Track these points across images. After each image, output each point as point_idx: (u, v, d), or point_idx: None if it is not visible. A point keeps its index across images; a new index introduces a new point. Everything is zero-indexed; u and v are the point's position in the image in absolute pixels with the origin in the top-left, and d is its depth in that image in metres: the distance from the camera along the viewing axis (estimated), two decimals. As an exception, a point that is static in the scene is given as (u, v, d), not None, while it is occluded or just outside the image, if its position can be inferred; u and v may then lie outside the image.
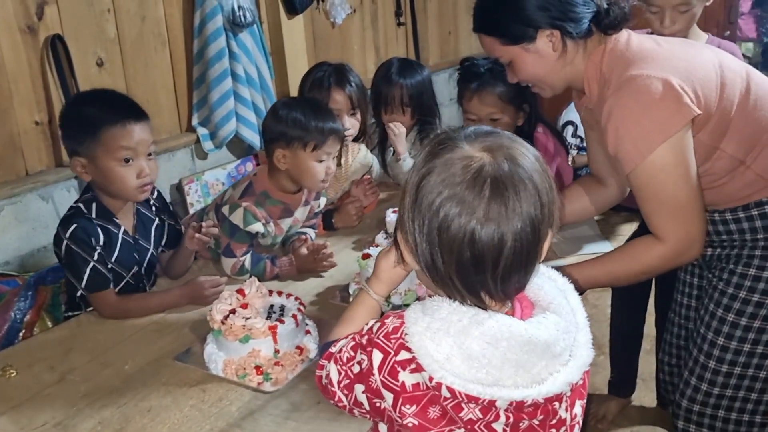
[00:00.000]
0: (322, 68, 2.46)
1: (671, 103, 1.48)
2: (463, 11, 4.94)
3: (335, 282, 1.98)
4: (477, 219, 0.91)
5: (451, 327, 0.93)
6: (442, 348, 0.92)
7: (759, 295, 1.64)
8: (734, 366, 1.69)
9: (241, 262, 1.99)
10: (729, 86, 1.55)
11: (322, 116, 1.98)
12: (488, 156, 0.94)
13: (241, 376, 1.51)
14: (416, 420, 0.94)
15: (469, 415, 0.93)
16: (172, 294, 1.86)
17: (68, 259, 1.79)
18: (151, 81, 2.98)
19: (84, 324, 1.81)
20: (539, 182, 0.95)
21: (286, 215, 2.11)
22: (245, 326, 1.54)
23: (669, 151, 1.49)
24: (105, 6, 2.76)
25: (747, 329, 1.66)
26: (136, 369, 1.59)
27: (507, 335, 0.92)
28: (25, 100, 2.56)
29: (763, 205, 1.61)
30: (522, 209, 0.92)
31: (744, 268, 1.66)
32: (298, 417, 1.40)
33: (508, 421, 0.95)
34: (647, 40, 1.63)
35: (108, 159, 1.76)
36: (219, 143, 3.14)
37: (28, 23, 2.53)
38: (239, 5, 3.02)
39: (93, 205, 1.83)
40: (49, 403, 1.49)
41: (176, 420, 1.41)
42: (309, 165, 1.98)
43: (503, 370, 0.92)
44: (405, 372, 0.95)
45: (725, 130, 1.57)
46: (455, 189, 0.92)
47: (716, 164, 1.60)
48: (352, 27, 4.01)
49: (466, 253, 0.93)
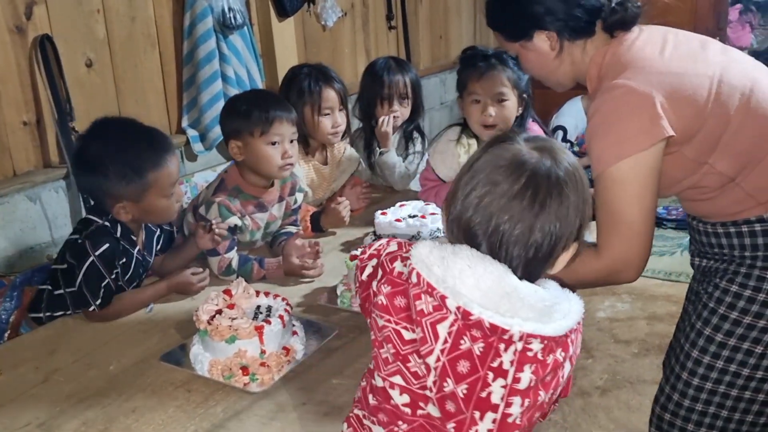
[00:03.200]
0: (303, 72, 2.47)
1: (645, 120, 1.49)
2: (454, 16, 4.96)
3: (323, 283, 1.98)
4: (498, 201, 1.01)
5: (450, 247, 1.03)
6: (432, 256, 1.02)
7: (737, 313, 1.61)
8: (705, 381, 1.66)
9: (227, 261, 2.00)
10: (723, 103, 1.54)
11: (266, 103, 2.06)
12: (537, 154, 1.03)
13: (227, 376, 1.51)
14: (385, 300, 1.04)
15: (422, 306, 1.00)
16: (159, 287, 1.90)
17: (89, 275, 1.77)
18: (140, 82, 2.97)
19: (69, 324, 1.81)
20: (574, 194, 1.03)
21: (260, 210, 2.12)
22: (231, 327, 1.53)
23: (630, 167, 1.50)
24: (94, 6, 2.75)
25: (721, 346, 1.63)
26: (122, 369, 1.59)
27: (489, 268, 1.00)
28: (13, 100, 2.55)
29: (753, 223, 1.59)
30: (549, 212, 1.01)
31: (727, 283, 1.64)
32: (283, 418, 1.40)
33: (452, 328, 0.98)
34: (650, 46, 1.62)
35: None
36: (209, 145, 3.13)
37: (16, 23, 2.52)
38: (230, 7, 3.02)
39: (118, 225, 1.84)
40: (34, 403, 1.48)
41: (161, 420, 1.40)
42: (261, 149, 2.03)
43: (470, 289, 0.99)
44: (398, 262, 1.06)
45: (715, 146, 1.55)
46: (495, 171, 1.02)
47: (705, 178, 1.59)
48: (343, 30, 4.02)
49: (482, 228, 1.03)
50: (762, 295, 1.58)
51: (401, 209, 2.24)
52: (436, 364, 0.99)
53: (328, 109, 2.42)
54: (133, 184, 1.78)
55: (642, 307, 3.26)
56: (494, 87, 2.26)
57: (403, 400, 1.05)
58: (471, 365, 0.99)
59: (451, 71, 4.70)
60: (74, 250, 1.80)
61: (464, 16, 5.08)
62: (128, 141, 1.83)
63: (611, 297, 3.30)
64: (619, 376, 2.74)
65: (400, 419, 1.05)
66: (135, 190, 1.79)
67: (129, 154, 1.79)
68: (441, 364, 0.99)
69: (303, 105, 2.41)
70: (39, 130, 2.64)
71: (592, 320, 2.91)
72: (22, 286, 2.03)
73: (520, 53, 1.73)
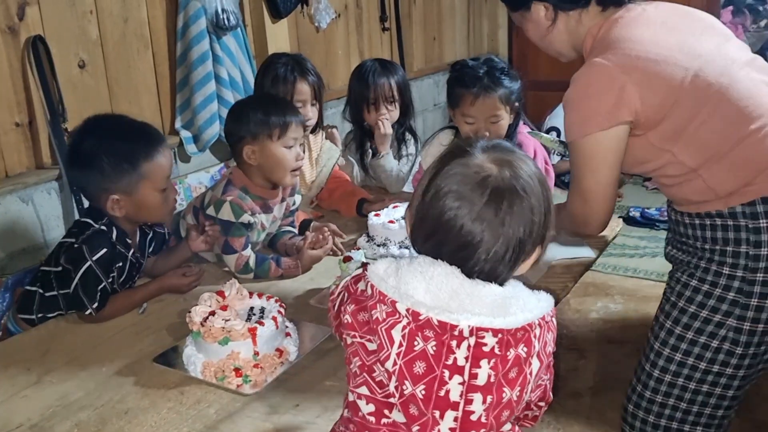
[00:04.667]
0: (280, 61, 2.45)
1: (610, 102, 1.61)
2: (448, 17, 4.97)
3: (316, 284, 1.98)
4: (469, 215, 1.02)
5: (403, 260, 1.07)
6: (386, 267, 1.07)
7: (695, 306, 1.67)
8: (665, 373, 1.72)
9: (244, 258, 2.01)
10: (694, 97, 1.60)
11: (280, 107, 2.07)
12: (496, 168, 1.04)
13: (219, 378, 1.51)
14: (350, 318, 1.07)
15: (377, 314, 1.02)
16: (151, 287, 1.90)
17: (87, 280, 1.76)
18: (133, 83, 2.96)
19: (62, 326, 1.80)
20: (536, 203, 1.04)
21: (265, 211, 2.12)
22: (224, 328, 1.53)
23: (593, 143, 1.67)
24: (87, 7, 2.74)
25: (680, 339, 1.69)
26: (114, 371, 1.58)
27: (440, 272, 1.03)
28: (5, 102, 2.54)
29: (713, 217, 1.64)
30: (511, 222, 1.02)
31: (687, 278, 1.70)
32: (276, 420, 1.40)
33: (404, 331, 1.00)
34: (640, 28, 1.67)
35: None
36: (202, 146, 3.12)
37: (8, 24, 2.51)
38: (223, 8, 3.02)
39: (113, 229, 1.83)
40: (26, 404, 1.47)
41: (154, 422, 1.40)
42: (279, 153, 2.02)
43: (421, 293, 1.01)
44: (361, 282, 1.09)
45: (679, 136, 1.62)
46: (461, 186, 1.03)
47: (667, 166, 1.67)
48: (337, 32, 4.02)
49: (448, 242, 1.04)
50: (718, 290, 1.64)
51: (394, 211, 2.24)
52: (393, 368, 1.01)
53: (300, 102, 2.40)
54: (127, 176, 1.78)
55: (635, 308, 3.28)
56: (488, 111, 2.28)
57: (368, 410, 1.07)
58: (427, 365, 1.00)
59: (445, 73, 4.71)
60: (70, 254, 1.79)
61: (458, 17, 5.09)
62: (121, 134, 1.84)
63: (604, 298, 3.33)
64: (611, 377, 2.75)
65: (366, 429, 1.07)
66: (128, 182, 1.79)
67: (122, 146, 1.80)
68: (398, 367, 1.01)
69: (275, 94, 2.39)
70: (31, 132, 2.63)
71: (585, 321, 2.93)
72: (14, 287, 2.02)
73: (521, 23, 1.88)
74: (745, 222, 1.60)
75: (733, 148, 1.58)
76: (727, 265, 1.63)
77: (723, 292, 1.63)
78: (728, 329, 1.64)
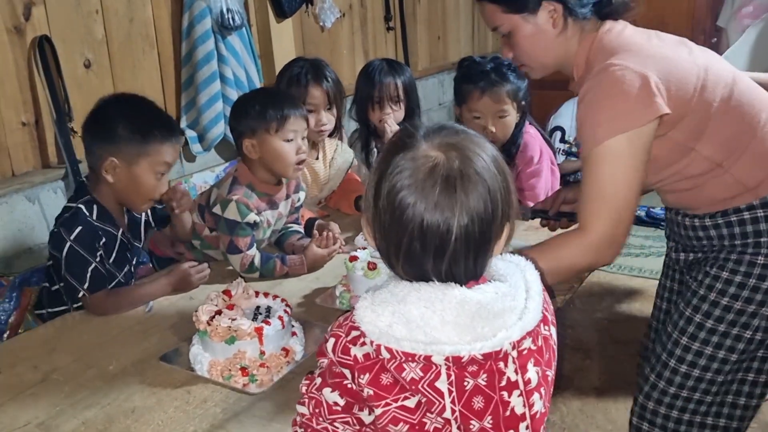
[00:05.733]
0: (297, 64, 2.48)
1: (641, 97, 1.50)
2: (452, 16, 4.96)
3: (322, 284, 1.98)
4: (427, 207, 0.97)
5: (392, 297, 0.99)
6: (384, 317, 0.98)
7: (728, 299, 1.63)
8: (693, 368, 1.68)
9: (250, 258, 2.01)
10: (710, 90, 1.57)
11: (278, 100, 2.07)
12: (443, 155, 0.99)
13: (226, 377, 1.51)
14: (371, 389, 0.98)
15: (411, 374, 0.96)
16: (159, 283, 1.90)
17: (71, 261, 1.78)
18: (139, 83, 2.97)
19: (68, 324, 1.80)
20: (491, 182, 1.00)
21: (271, 207, 2.13)
22: (231, 327, 1.53)
23: (625, 143, 1.50)
24: (93, 7, 2.75)
25: (711, 332, 1.65)
26: (121, 369, 1.59)
27: (441, 297, 0.97)
28: (12, 101, 2.55)
29: (742, 211, 1.62)
30: (470, 205, 0.98)
31: (718, 270, 1.65)
32: (283, 419, 1.40)
33: (450, 379, 0.97)
34: (639, 34, 1.65)
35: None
36: (207, 146, 3.13)
37: (15, 24, 2.52)
38: (228, 8, 3.02)
39: (94, 207, 1.84)
40: (32, 402, 1.48)
41: (160, 421, 1.40)
42: (278, 146, 2.02)
43: (443, 330, 0.96)
44: (356, 347, 1.00)
45: (702, 131, 1.58)
46: (411, 180, 0.98)
47: (692, 165, 1.61)
48: (341, 31, 4.02)
49: (416, 241, 0.98)
50: (752, 280, 1.61)
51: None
52: (453, 416, 0.99)
53: (312, 105, 2.42)
54: (135, 146, 1.82)
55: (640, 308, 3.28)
56: (495, 106, 2.28)
57: None
58: (484, 397, 0.99)
59: (450, 72, 4.71)
60: (53, 241, 1.83)
61: (462, 17, 5.08)
62: (146, 111, 1.91)
63: (609, 298, 3.32)
64: (617, 377, 2.75)
65: None
66: (133, 153, 1.82)
67: (143, 120, 1.86)
68: (458, 412, 0.99)
69: None
70: (37, 131, 2.64)
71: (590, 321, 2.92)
72: (21, 286, 2.03)
73: (515, 29, 1.67)
74: None
75: (751, 140, 1.58)
76: (762, 255, 1.60)
77: (758, 281, 1.60)
78: (763, 318, 1.61)
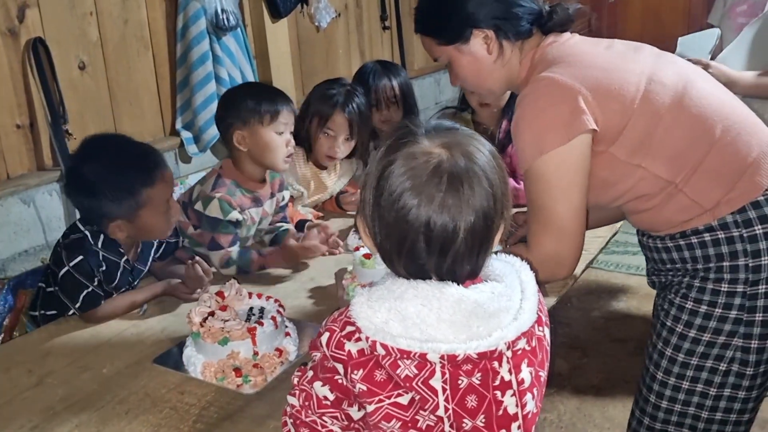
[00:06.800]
0: (335, 86, 2.44)
1: (566, 113, 1.45)
2: (449, 16, 4.96)
3: (316, 284, 1.98)
4: (433, 209, 0.96)
5: (389, 294, 0.99)
6: (381, 313, 0.98)
7: (696, 331, 1.53)
8: (674, 403, 1.58)
9: (229, 254, 2.01)
10: (653, 100, 1.49)
11: (271, 93, 2.07)
12: (446, 152, 0.98)
13: (219, 378, 1.51)
14: (365, 385, 0.99)
15: (405, 371, 0.97)
16: (155, 289, 1.89)
17: (65, 284, 1.77)
18: (134, 84, 2.97)
19: (62, 327, 1.80)
20: (493, 177, 0.99)
21: (255, 205, 2.12)
22: (224, 328, 1.53)
23: (555, 161, 1.46)
24: (87, 9, 2.75)
25: (684, 366, 1.55)
26: (115, 372, 1.58)
27: (438, 295, 0.97)
28: (6, 104, 2.55)
29: (701, 232, 1.51)
30: (476, 203, 0.97)
31: (681, 300, 1.56)
32: (277, 419, 1.39)
33: (445, 377, 0.97)
34: (584, 44, 1.60)
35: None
36: (203, 147, 3.13)
37: (9, 26, 2.52)
38: (222, 8, 3.02)
39: (100, 237, 1.82)
40: (27, 406, 1.47)
41: (155, 423, 1.39)
42: (270, 138, 2.02)
43: (439, 328, 0.96)
44: (350, 342, 1.00)
45: (647, 146, 1.49)
46: (415, 181, 0.97)
47: (643, 183, 1.52)
48: (337, 31, 4.02)
49: (421, 240, 0.97)
50: (718, 310, 1.51)
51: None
52: (446, 414, 0.99)
53: (332, 131, 2.39)
54: (127, 204, 1.76)
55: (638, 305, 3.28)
56: None
57: None
58: (478, 396, 0.99)
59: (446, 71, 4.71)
60: (54, 256, 1.83)
61: (458, 16, 5.08)
62: (119, 161, 1.79)
63: (606, 296, 3.32)
64: (614, 375, 2.75)
65: None
66: (129, 210, 1.77)
67: (121, 175, 1.76)
68: (450, 410, 0.98)
69: (314, 113, 2.40)
70: (32, 133, 2.64)
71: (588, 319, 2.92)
72: (16, 289, 2.03)
73: (453, 60, 1.66)
74: (738, 232, 1.47)
75: (705, 156, 1.48)
76: (725, 281, 1.49)
77: (724, 311, 1.50)
78: (735, 350, 1.51)
